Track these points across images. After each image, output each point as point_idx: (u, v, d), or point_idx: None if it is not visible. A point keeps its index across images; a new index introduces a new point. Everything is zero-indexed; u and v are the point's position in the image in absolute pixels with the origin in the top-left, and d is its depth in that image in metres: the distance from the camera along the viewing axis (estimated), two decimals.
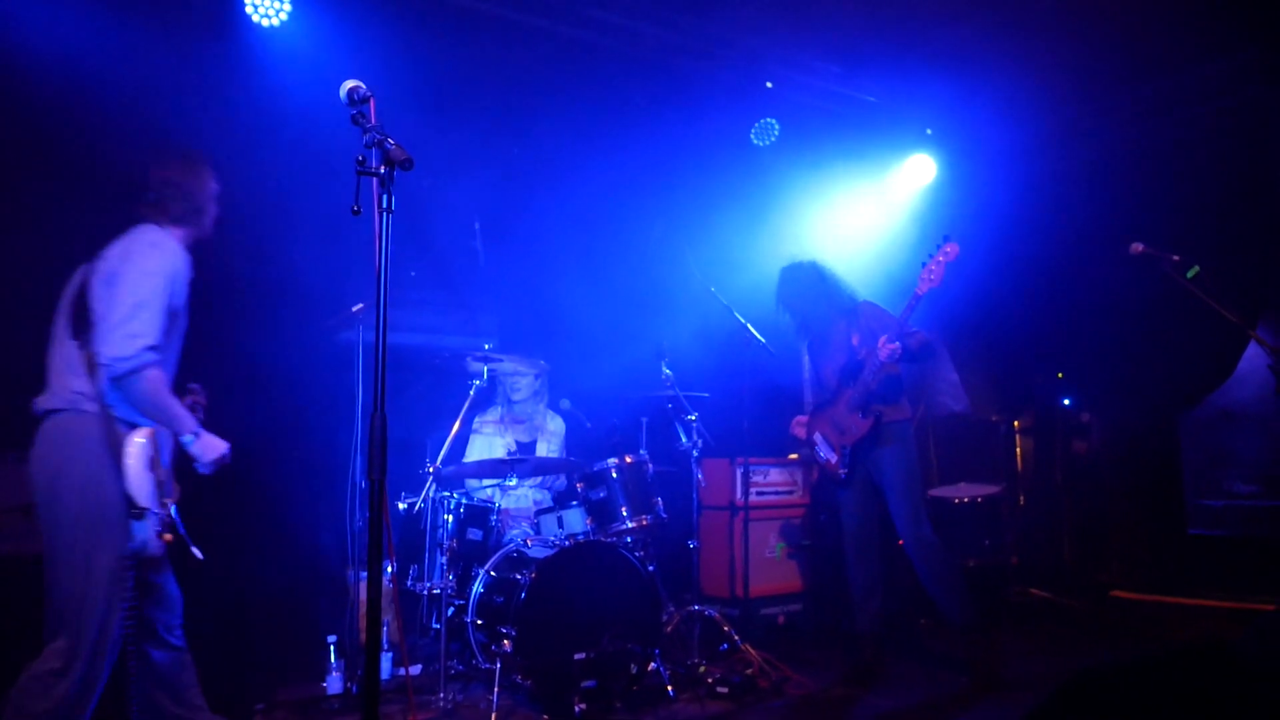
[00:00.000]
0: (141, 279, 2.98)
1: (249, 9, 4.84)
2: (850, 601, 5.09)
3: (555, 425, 5.57)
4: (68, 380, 2.99)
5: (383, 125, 2.33)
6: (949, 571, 4.79)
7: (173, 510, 3.14)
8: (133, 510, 2.90)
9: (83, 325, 3.00)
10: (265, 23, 4.89)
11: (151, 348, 2.95)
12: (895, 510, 4.85)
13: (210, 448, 3.23)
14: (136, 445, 2.94)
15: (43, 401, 3.05)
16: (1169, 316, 6.67)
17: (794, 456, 6.59)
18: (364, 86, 2.42)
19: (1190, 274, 4.25)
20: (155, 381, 2.99)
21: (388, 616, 4.84)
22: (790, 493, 6.25)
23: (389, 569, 4.49)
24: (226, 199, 4.74)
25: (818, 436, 5.06)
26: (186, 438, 3.15)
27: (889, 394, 4.85)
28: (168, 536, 3.06)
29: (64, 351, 3.04)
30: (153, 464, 3.00)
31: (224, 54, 4.87)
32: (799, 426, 5.17)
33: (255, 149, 4.88)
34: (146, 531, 2.95)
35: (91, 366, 2.93)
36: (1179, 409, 7.40)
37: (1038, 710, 2.28)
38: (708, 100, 6.40)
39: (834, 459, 4.95)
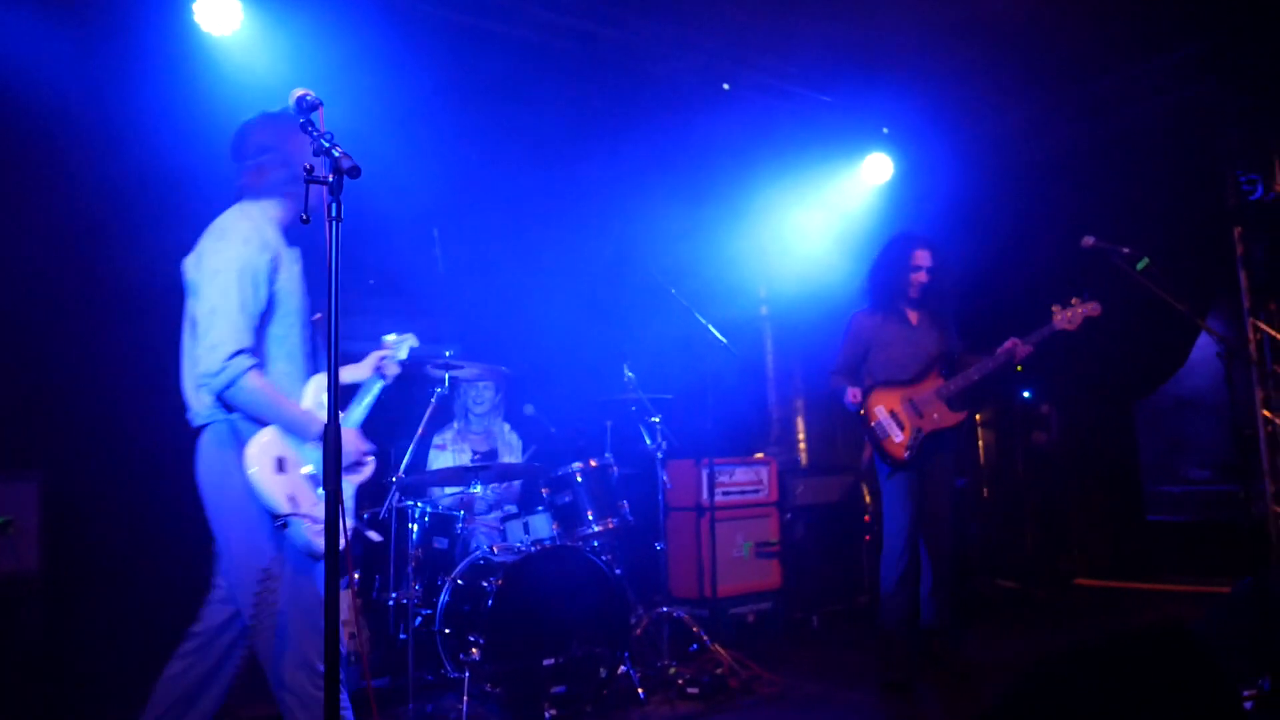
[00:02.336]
0: (211, 282, 2.76)
1: (197, 18, 4.78)
2: (884, 590, 4.83)
3: (514, 439, 5.55)
4: (198, 397, 2.85)
5: (332, 133, 2.32)
6: (954, 575, 4.88)
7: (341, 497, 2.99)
8: (275, 521, 2.74)
9: (194, 337, 2.84)
10: (216, 32, 4.83)
11: (238, 353, 2.72)
12: (944, 504, 4.87)
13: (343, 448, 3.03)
14: (253, 454, 2.76)
15: (191, 416, 2.91)
16: (1123, 308, 6.77)
17: (760, 456, 6.62)
18: (313, 94, 2.40)
19: (1140, 266, 4.31)
20: (256, 389, 2.76)
21: (353, 628, 4.80)
22: (757, 492, 6.28)
23: (354, 579, 4.45)
24: (181, 209, 4.69)
25: (881, 410, 4.84)
26: (311, 444, 2.92)
27: None
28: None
29: (189, 363, 2.89)
30: (286, 464, 2.81)
31: (174, 64, 4.81)
32: (855, 395, 4.87)
33: (208, 159, 4.83)
34: (302, 535, 2.78)
35: None
36: (1135, 399, 7.53)
37: (1007, 694, 2.32)
38: (665, 102, 6.42)
39: (900, 438, 4.77)
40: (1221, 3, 5.78)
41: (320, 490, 2.89)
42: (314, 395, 3.04)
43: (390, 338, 3.51)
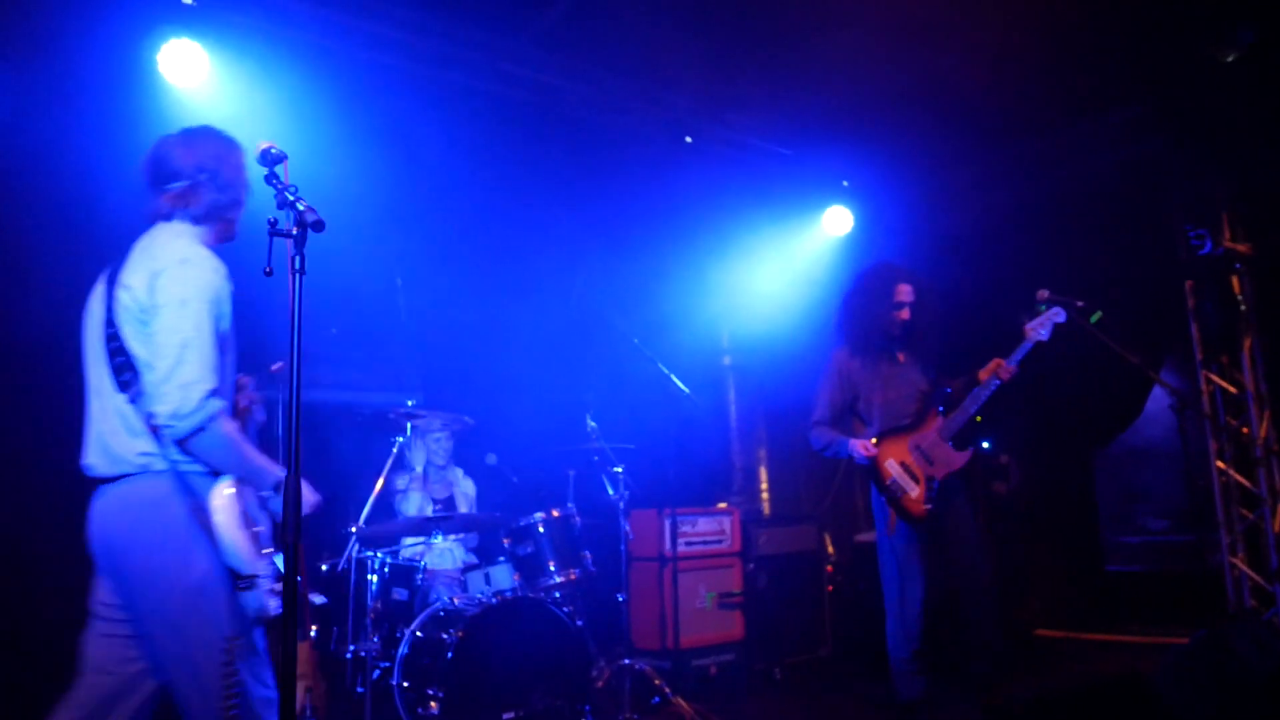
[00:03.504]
0: (179, 311, 2.43)
1: (161, 69, 4.76)
2: (896, 662, 4.48)
3: (468, 486, 5.53)
4: (125, 441, 2.51)
5: (296, 186, 2.33)
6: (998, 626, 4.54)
7: (278, 560, 2.62)
8: (239, 583, 2.47)
9: (128, 375, 2.50)
10: (181, 83, 4.82)
11: (213, 393, 2.42)
12: (974, 553, 4.45)
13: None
14: (222, 506, 2.47)
15: (98, 465, 2.56)
16: (1080, 360, 6.90)
17: (722, 506, 6.61)
18: (277, 146, 2.42)
19: (1094, 319, 4.40)
20: (228, 434, 2.48)
21: (309, 682, 4.71)
22: (719, 542, 6.25)
23: (311, 632, 4.38)
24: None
25: (893, 465, 4.50)
26: (266, 493, 2.63)
27: None
28: (277, 587, 2.59)
29: (112, 406, 2.53)
30: (245, 519, 2.52)
31: (138, 115, 4.79)
32: (869, 447, 4.51)
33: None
34: (260, 599, 2.52)
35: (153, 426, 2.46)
36: (1093, 449, 7.63)
37: None
38: (628, 154, 6.50)
39: (916, 492, 4.42)
40: (1169, 62, 5.96)
41: (268, 548, 2.67)
42: None
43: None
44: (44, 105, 4.48)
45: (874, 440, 4.53)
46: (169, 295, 2.46)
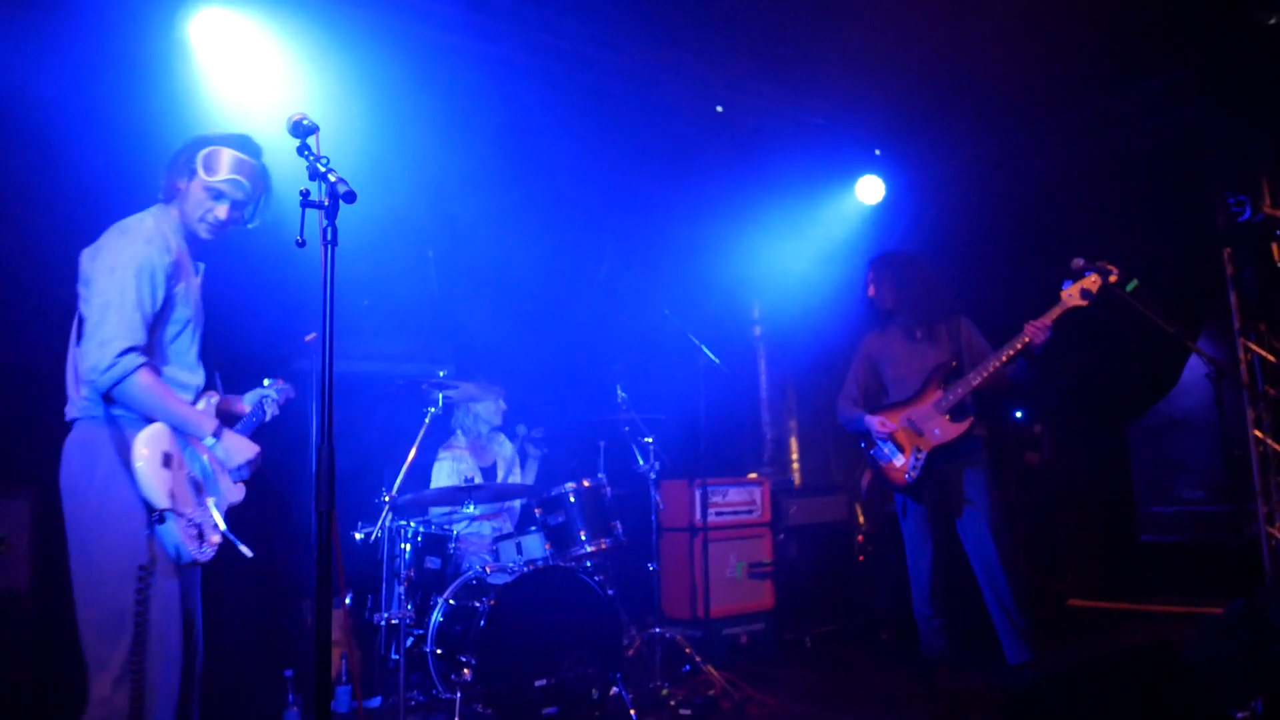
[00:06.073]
0: (106, 277, 2.76)
1: (191, 39, 4.74)
2: (917, 620, 4.75)
3: (507, 450, 5.56)
4: (75, 389, 2.84)
5: (328, 157, 2.34)
6: (1019, 599, 4.58)
7: (215, 508, 2.90)
8: (152, 515, 2.67)
9: (81, 331, 2.82)
10: (210, 57, 4.79)
11: (129, 350, 2.71)
12: (980, 529, 4.55)
13: (236, 450, 3.01)
14: (142, 442, 2.71)
15: (66, 411, 2.87)
16: (1115, 329, 6.81)
17: (753, 476, 6.63)
18: (309, 118, 2.43)
19: (1130, 288, 4.33)
20: (147, 386, 2.76)
21: (345, 649, 4.79)
22: (750, 512, 6.27)
23: (346, 600, 4.45)
24: None
25: (878, 436, 4.74)
26: (208, 441, 2.92)
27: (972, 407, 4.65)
28: (214, 538, 2.86)
29: (72, 359, 2.87)
30: (171, 461, 2.76)
31: (169, 85, 4.80)
32: (885, 424, 4.68)
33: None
34: (176, 535, 2.72)
35: None
36: (1128, 419, 7.55)
37: (999, 715, 2.32)
38: (660, 124, 6.45)
39: (900, 462, 4.64)
40: (1209, 26, 5.83)
41: (211, 498, 2.95)
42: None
43: (267, 382, 3.52)
44: (54, 78, 4.44)
45: (882, 416, 4.73)
46: (101, 264, 2.80)
